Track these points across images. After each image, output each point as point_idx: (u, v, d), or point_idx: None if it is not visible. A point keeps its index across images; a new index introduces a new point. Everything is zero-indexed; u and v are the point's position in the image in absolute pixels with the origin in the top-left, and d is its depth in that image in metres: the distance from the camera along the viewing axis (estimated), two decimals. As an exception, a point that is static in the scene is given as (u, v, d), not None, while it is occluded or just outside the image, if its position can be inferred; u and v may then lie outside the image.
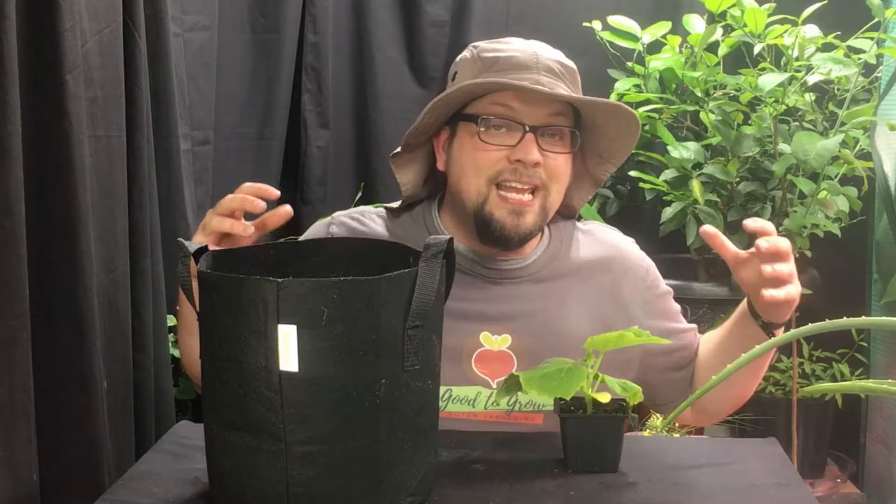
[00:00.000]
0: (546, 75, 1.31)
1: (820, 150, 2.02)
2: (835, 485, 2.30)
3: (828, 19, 2.14)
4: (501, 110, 1.31)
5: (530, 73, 1.31)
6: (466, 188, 1.34)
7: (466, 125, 1.34)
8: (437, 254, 0.98)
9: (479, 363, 1.35)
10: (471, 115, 1.33)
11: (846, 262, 2.38)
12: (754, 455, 1.20)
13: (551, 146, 1.33)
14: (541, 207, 1.34)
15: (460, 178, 1.35)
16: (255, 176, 2.31)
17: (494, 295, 1.38)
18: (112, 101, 1.54)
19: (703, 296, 2.25)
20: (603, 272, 1.42)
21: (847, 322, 1.01)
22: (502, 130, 1.32)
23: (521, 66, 1.31)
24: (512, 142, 1.31)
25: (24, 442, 1.27)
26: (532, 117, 1.31)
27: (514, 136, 1.31)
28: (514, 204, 1.32)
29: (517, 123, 1.31)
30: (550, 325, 1.37)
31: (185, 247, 1.02)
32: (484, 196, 1.32)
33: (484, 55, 1.35)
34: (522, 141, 1.30)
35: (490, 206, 1.32)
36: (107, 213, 1.53)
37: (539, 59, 1.32)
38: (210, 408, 1.00)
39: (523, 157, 1.30)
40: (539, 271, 1.40)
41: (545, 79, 1.31)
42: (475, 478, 1.11)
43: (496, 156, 1.31)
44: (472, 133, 1.32)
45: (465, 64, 1.37)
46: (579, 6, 2.47)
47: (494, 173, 1.31)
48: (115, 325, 1.55)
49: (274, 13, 2.27)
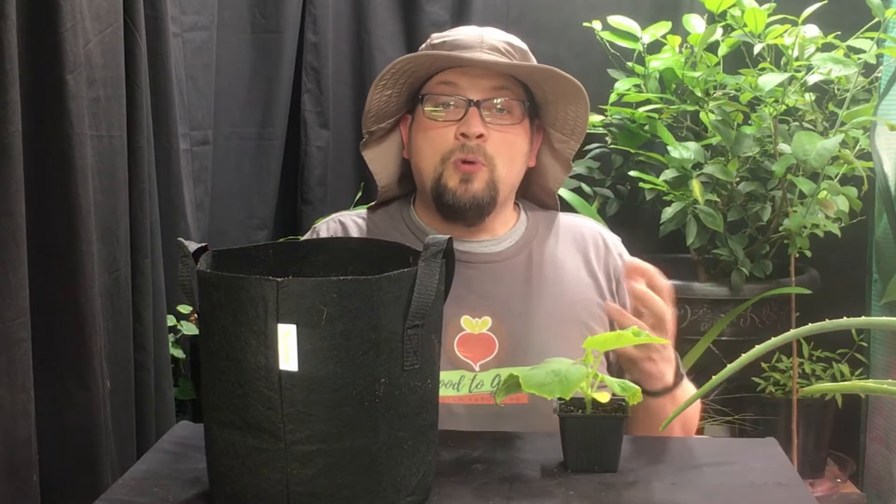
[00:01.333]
0: (490, 52, 1.35)
1: (820, 150, 2.02)
2: (835, 485, 2.30)
3: (828, 19, 2.14)
4: (445, 88, 1.36)
5: (473, 51, 1.35)
6: (425, 167, 1.38)
7: (419, 107, 1.39)
8: (436, 253, 0.98)
9: (462, 347, 1.37)
10: (421, 97, 1.38)
11: (846, 262, 2.38)
12: (754, 455, 1.20)
13: (498, 119, 1.36)
14: (489, 178, 1.36)
15: (419, 160, 1.39)
16: (255, 176, 2.32)
17: (472, 278, 1.39)
18: (113, 101, 1.54)
19: (703, 296, 2.25)
20: (578, 252, 1.45)
21: (847, 322, 1.01)
22: (451, 108, 1.36)
23: (465, 45, 1.36)
24: (457, 117, 1.35)
25: (24, 442, 1.28)
26: (475, 91, 1.35)
27: (460, 111, 1.35)
28: (464, 170, 1.35)
29: (462, 98, 1.35)
30: (530, 306, 1.39)
31: (185, 247, 1.02)
32: (439, 172, 1.36)
33: (433, 42, 1.40)
34: (466, 115, 1.34)
35: (444, 179, 1.36)
36: (108, 212, 1.53)
37: (484, 40, 1.37)
38: (210, 407, 1.00)
39: (466, 129, 1.34)
40: (516, 255, 1.43)
41: (487, 55, 1.35)
42: (475, 477, 1.11)
43: (445, 133, 1.36)
44: (422, 114, 1.38)
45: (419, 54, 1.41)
46: (579, 6, 2.47)
47: (447, 151, 1.35)
48: (115, 325, 1.56)
49: (274, 13, 2.27)
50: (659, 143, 2.34)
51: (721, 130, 2.19)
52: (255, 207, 2.33)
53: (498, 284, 1.40)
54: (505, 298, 1.39)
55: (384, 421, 0.96)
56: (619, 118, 2.37)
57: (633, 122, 2.35)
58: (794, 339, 1.81)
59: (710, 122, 2.22)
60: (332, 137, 2.39)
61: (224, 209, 2.23)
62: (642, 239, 2.54)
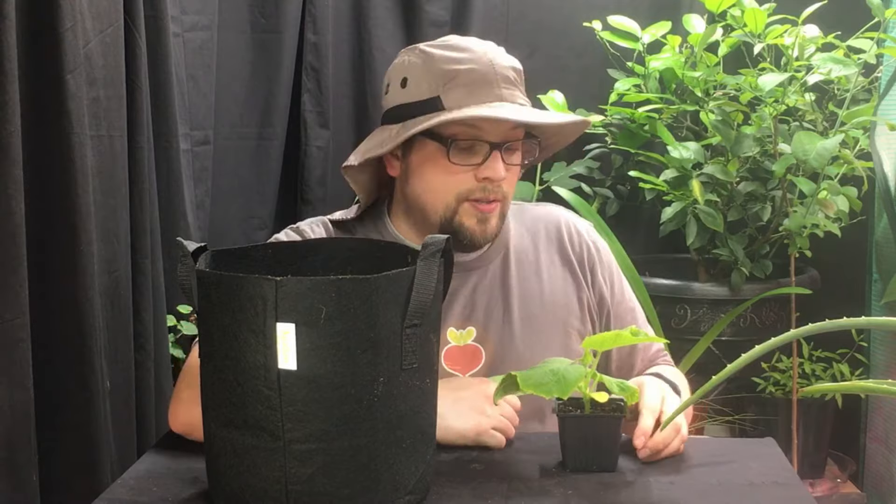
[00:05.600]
0: (505, 87, 1.33)
1: (820, 150, 2.02)
2: (835, 485, 2.30)
3: (828, 19, 2.14)
4: (470, 131, 1.31)
5: (492, 88, 1.31)
6: (433, 202, 1.35)
7: (430, 142, 1.33)
8: (435, 253, 0.99)
9: (449, 360, 1.37)
10: (437, 135, 1.32)
11: (846, 262, 2.38)
12: (752, 455, 1.20)
13: (512, 159, 1.35)
14: (501, 214, 1.37)
15: (424, 192, 1.36)
16: (255, 176, 2.32)
17: (455, 289, 1.38)
18: (113, 101, 1.54)
19: (703, 296, 2.25)
20: (553, 245, 1.45)
21: (847, 322, 1.01)
22: (468, 150, 1.33)
23: (483, 80, 1.32)
24: (478, 160, 1.32)
25: (24, 442, 1.28)
26: (496, 135, 1.32)
27: (480, 154, 1.32)
28: (482, 210, 1.34)
29: (482, 142, 1.32)
30: (511, 311, 1.39)
31: (185, 246, 1.02)
32: (453, 210, 1.34)
33: (441, 67, 1.33)
34: (489, 159, 1.32)
35: (459, 217, 1.34)
36: (108, 212, 1.53)
37: (496, 70, 1.33)
38: (209, 406, 1.00)
39: (492, 174, 1.32)
40: (494, 258, 1.42)
41: (505, 91, 1.32)
42: (473, 477, 1.11)
43: (464, 176, 1.33)
44: (438, 151, 1.32)
45: (416, 71, 1.34)
46: (579, 6, 2.47)
47: (464, 192, 1.33)
48: (115, 325, 1.56)
49: (274, 13, 2.27)
50: (659, 143, 2.34)
51: (721, 130, 2.19)
52: (255, 207, 2.33)
53: (479, 292, 1.40)
54: (487, 305, 1.39)
55: (383, 420, 0.96)
56: (619, 118, 2.37)
57: (633, 122, 2.35)
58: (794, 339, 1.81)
59: (710, 122, 2.22)
60: (332, 137, 2.39)
61: (224, 209, 2.23)
62: (642, 239, 2.54)
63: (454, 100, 1.30)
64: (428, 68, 1.33)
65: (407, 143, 1.35)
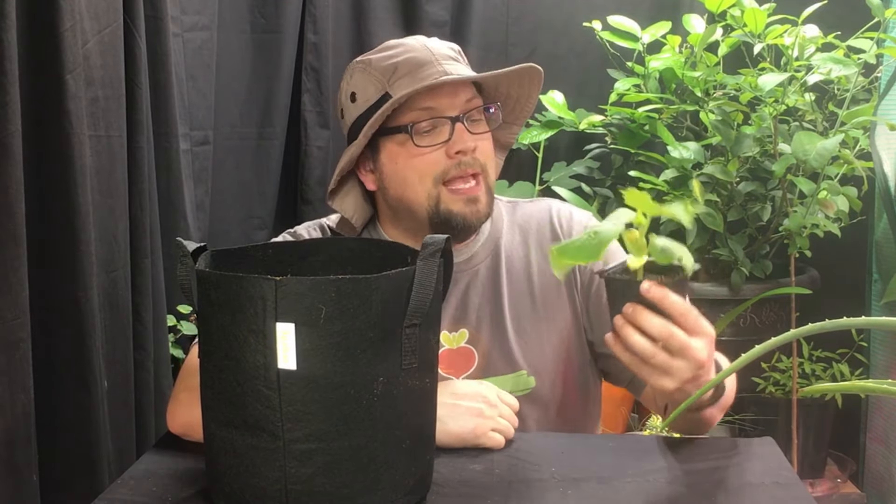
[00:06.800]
0: (447, 63, 1.33)
1: (820, 150, 2.02)
2: (835, 485, 2.30)
3: (828, 19, 2.14)
4: (426, 113, 1.32)
5: (433, 66, 1.32)
6: (414, 196, 1.34)
7: (391, 138, 1.33)
8: (434, 252, 0.99)
9: (442, 363, 1.35)
10: (396, 128, 1.32)
11: (846, 262, 2.38)
12: (751, 454, 1.20)
13: (478, 128, 1.35)
14: (487, 188, 1.36)
15: (404, 190, 1.35)
16: (255, 176, 2.32)
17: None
18: (112, 101, 1.54)
19: (703, 296, 2.25)
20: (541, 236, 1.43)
21: (847, 322, 1.01)
22: (431, 131, 1.32)
23: (423, 63, 1.33)
24: (444, 137, 1.32)
25: (24, 442, 1.28)
26: (454, 108, 1.33)
27: (444, 131, 1.32)
28: (466, 193, 1.33)
29: (443, 119, 1.32)
30: (502, 311, 1.38)
31: (185, 246, 1.02)
32: (435, 197, 1.33)
33: (380, 66, 1.34)
34: (454, 133, 1.32)
35: (445, 204, 1.33)
36: (107, 212, 1.53)
37: (433, 52, 1.34)
38: (208, 406, 1.00)
39: (462, 146, 1.31)
40: (484, 259, 1.41)
41: (448, 66, 1.33)
42: (473, 477, 1.11)
43: (435, 156, 1.32)
44: (402, 142, 1.33)
45: (360, 81, 1.35)
46: (579, 6, 2.48)
47: (440, 173, 1.32)
48: (115, 324, 1.56)
49: (274, 13, 2.27)
50: (659, 143, 2.34)
51: (721, 130, 2.19)
52: (255, 207, 2.33)
53: (471, 293, 1.39)
54: (479, 307, 1.38)
55: (382, 420, 0.96)
56: (619, 118, 2.37)
57: (633, 122, 2.35)
58: (794, 339, 1.81)
59: (710, 122, 2.22)
60: (332, 137, 2.39)
61: (224, 209, 2.24)
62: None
63: (401, 88, 1.31)
64: (369, 74, 1.35)
65: (374, 151, 1.36)
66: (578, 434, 1.39)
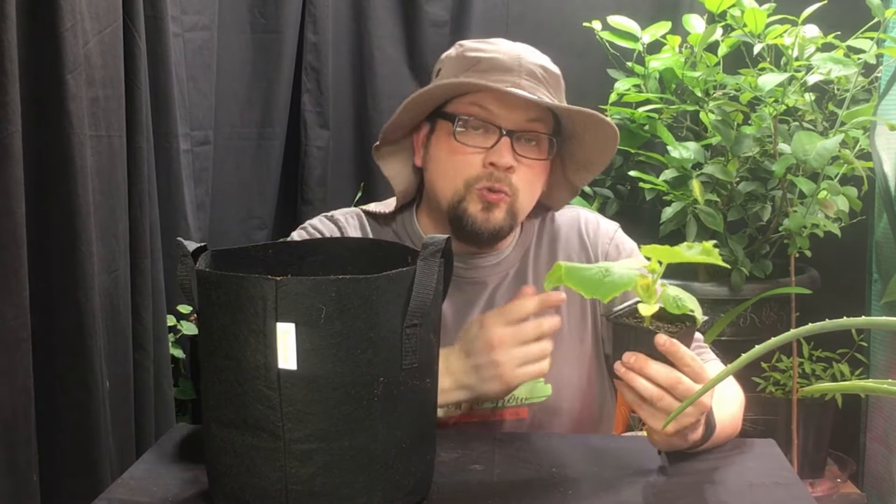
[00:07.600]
0: (528, 79, 1.31)
1: (820, 150, 2.02)
2: (835, 485, 2.30)
3: (828, 19, 2.14)
4: (479, 111, 1.31)
5: (511, 75, 1.30)
6: (443, 188, 1.34)
7: (444, 123, 1.34)
8: (435, 252, 0.99)
9: None
10: (448, 114, 1.33)
11: (846, 262, 2.38)
12: (752, 455, 1.20)
13: (527, 152, 1.32)
14: (509, 209, 1.33)
15: (437, 178, 1.35)
16: (255, 176, 2.32)
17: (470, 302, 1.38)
18: (112, 101, 1.54)
19: (703, 296, 2.25)
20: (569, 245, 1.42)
21: (847, 322, 1.00)
22: (479, 132, 1.31)
23: (503, 68, 1.31)
24: (487, 144, 1.30)
25: (24, 442, 1.28)
26: (509, 121, 1.30)
27: (490, 138, 1.31)
28: (487, 198, 1.31)
29: (494, 126, 1.30)
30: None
31: (185, 246, 1.02)
32: (461, 196, 1.32)
33: (468, 54, 1.34)
34: (498, 144, 1.30)
35: (465, 204, 1.32)
36: (107, 213, 1.53)
37: (522, 63, 1.32)
38: (209, 406, 1.00)
39: (497, 160, 1.29)
40: (512, 266, 1.41)
41: (526, 83, 1.30)
42: (473, 477, 1.11)
43: (473, 159, 1.31)
44: (449, 132, 1.32)
45: (449, 61, 1.37)
46: (579, 6, 2.48)
47: (472, 178, 1.31)
48: (115, 325, 1.56)
49: (274, 13, 2.27)
50: (659, 143, 2.34)
51: (721, 130, 2.19)
52: (255, 207, 2.33)
53: (497, 295, 1.39)
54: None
55: (383, 420, 0.96)
56: (619, 118, 2.37)
57: (633, 122, 2.35)
58: (794, 339, 1.80)
59: (710, 122, 2.22)
60: (332, 137, 2.39)
61: (224, 209, 2.24)
62: (642, 239, 2.53)
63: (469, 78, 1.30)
64: (458, 58, 1.35)
65: (431, 130, 1.36)
66: (578, 434, 1.39)
